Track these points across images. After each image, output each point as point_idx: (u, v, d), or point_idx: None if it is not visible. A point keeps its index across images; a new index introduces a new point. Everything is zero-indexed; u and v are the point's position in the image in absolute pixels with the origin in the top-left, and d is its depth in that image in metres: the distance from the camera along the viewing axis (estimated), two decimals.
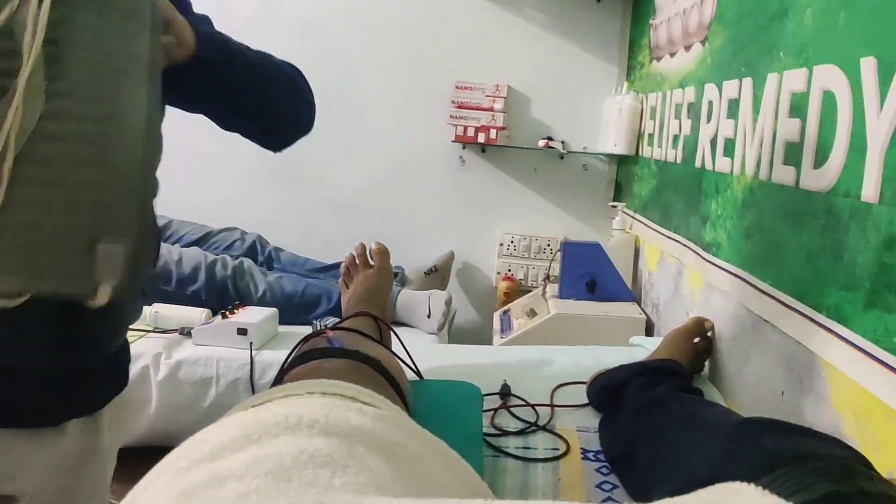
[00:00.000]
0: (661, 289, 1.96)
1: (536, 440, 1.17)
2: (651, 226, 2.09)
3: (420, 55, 2.69)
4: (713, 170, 1.55)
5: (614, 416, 1.11)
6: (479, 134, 2.59)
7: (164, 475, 0.47)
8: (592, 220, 2.74)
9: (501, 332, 2.16)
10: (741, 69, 1.41)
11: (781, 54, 1.21)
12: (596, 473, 1.06)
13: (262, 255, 2.28)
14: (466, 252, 2.78)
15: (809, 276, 1.06)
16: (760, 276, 1.24)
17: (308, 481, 0.44)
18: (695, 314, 1.55)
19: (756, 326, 1.25)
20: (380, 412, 0.56)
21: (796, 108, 1.13)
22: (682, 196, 1.80)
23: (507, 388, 1.36)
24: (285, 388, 0.57)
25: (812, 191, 1.06)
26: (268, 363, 1.65)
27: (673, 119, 1.94)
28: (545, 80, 2.68)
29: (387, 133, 2.72)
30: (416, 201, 2.78)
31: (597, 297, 2.12)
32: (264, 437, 0.48)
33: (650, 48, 2.31)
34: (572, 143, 2.69)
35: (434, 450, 0.57)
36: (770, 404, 1.17)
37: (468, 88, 2.64)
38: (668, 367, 1.25)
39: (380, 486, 0.46)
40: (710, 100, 1.60)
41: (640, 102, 2.38)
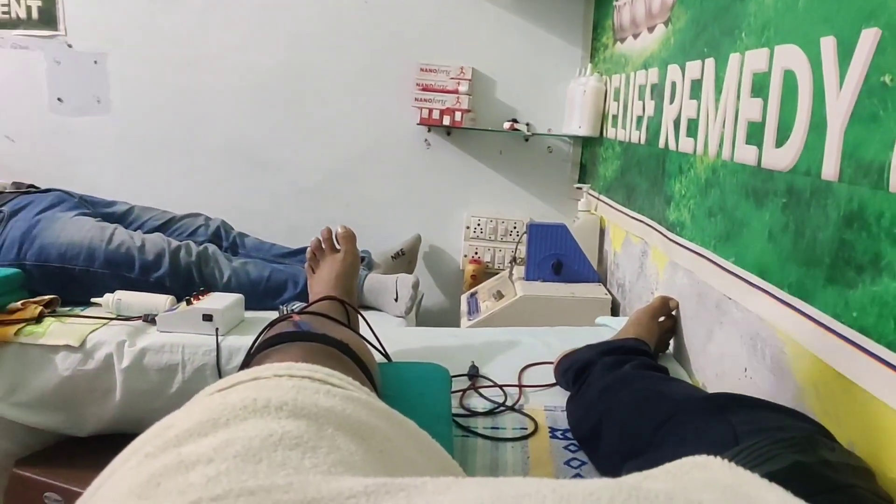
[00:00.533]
0: (627, 269, 1.98)
1: (505, 420, 1.18)
2: (616, 207, 2.10)
3: (384, 37, 2.66)
4: (676, 150, 1.56)
5: (581, 394, 1.13)
6: (444, 116, 2.58)
7: (130, 461, 0.47)
8: (558, 202, 2.76)
9: (469, 314, 2.16)
10: (703, 50, 1.42)
11: (743, 35, 1.22)
12: (564, 451, 1.07)
13: (227, 240, 2.25)
14: (433, 235, 2.78)
15: (771, 253, 1.07)
16: (724, 255, 1.26)
17: (278, 463, 0.43)
18: (659, 293, 1.57)
19: (720, 304, 1.27)
20: (349, 394, 0.55)
21: (758, 88, 1.14)
22: (646, 177, 1.82)
23: (476, 369, 1.36)
24: (253, 372, 0.56)
25: (774, 170, 1.07)
26: (234, 349, 1.63)
27: (637, 100, 1.95)
28: (510, 62, 2.68)
29: (351, 116, 2.70)
30: (381, 185, 2.76)
31: (563, 278, 2.13)
32: (232, 421, 0.48)
33: (614, 30, 2.32)
34: (537, 125, 2.69)
35: (404, 430, 0.57)
36: (734, 380, 1.19)
37: (433, 71, 2.63)
38: (633, 346, 1.27)
39: (350, 467, 0.46)
40: (673, 80, 1.61)
41: (604, 84, 2.39)
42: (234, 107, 2.68)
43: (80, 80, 2.66)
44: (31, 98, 2.66)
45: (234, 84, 2.66)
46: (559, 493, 0.37)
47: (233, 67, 2.65)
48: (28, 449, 1.69)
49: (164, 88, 2.67)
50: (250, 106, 2.67)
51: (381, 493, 0.39)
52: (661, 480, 0.47)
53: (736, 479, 0.47)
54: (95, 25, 2.63)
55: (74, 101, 2.68)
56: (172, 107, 2.69)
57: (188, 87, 2.67)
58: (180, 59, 2.65)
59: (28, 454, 1.68)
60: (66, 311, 1.78)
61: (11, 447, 1.68)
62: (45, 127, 2.68)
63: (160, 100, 2.68)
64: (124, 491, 0.42)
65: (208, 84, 2.66)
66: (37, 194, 2.05)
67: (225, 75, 2.66)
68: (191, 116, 2.69)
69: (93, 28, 2.63)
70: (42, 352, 1.62)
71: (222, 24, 2.64)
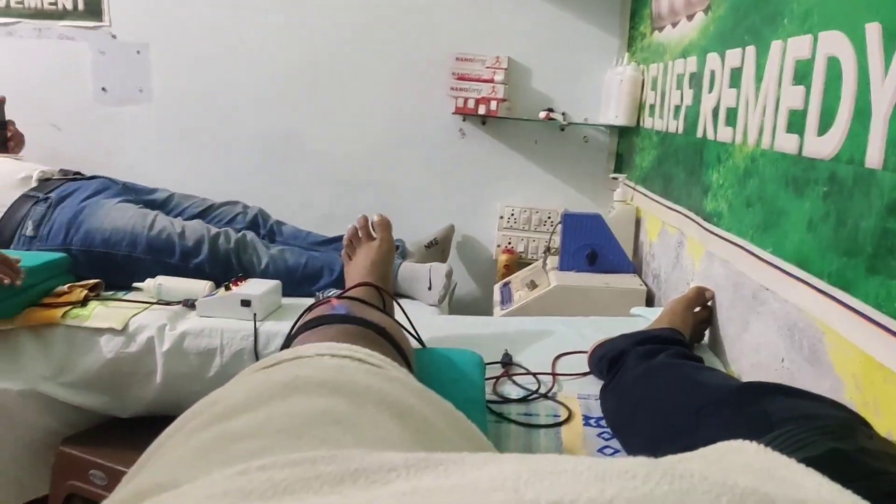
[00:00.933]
0: (662, 259, 1.96)
1: (538, 407, 1.18)
2: (652, 197, 2.09)
3: (419, 27, 2.67)
4: (715, 139, 1.55)
5: (615, 382, 1.13)
6: (479, 106, 2.58)
7: (178, 434, 0.48)
8: (593, 192, 2.74)
9: (502, 304, 2.17)
10: (744, 37, 1.40)
11: (786, 21, 1.20)
12: (598, 439, 1.07)
13: (265, 228, 2.28)
14: (466, 225, 2.79)
15: (811, 243, 1.06)
16: (761, 245, 1.24)
17: (320, 438, 0.45)
18: (695, 284, 1.56)
19: (756, 294, 1.26)
20: (388, 373, 0.56)
21: (800, 76, 1.13)
22: (683, 166, 1.80)
23: (509, 357, 1.37)
24: (295, 351, 0.58)
25: (815, 158, 1.06)
26: (272, 334, 1.66)
27: (674, 89, 1.93)
28: (546, 51, 2.67)
29: (386, 106, 2.71)
30: (415, 174, 2.77)
31: (597, 268, 2.13)
32: (275, 397, 0.49)
33: (651, 18, 2.29)
34: (573, 114, 2.68)
35: (441, 410, 0.58)
36: (770, 371, 1.18)
37: (468, 60, 2.63)
38: (668, 336, 1.26)
39: (389, 443, 0.47)
40: (713, 69, 1.59)
41: (642, 73, 2.37)
42: (270, 96, 2.71)
43: (123, 71, 2.71)
44: (77, 87, 2.72)
45: (271, 74, 2.69)
46: (595, 469, 0.38)
47: (270, 57, 2.68)
48: (74, 428, 1.74)
49: (203, 78, 2.71)
50: (287, 95, 2.70)
51: (420, 466, 0.40)
52: (696, 462, 0.47)
53: (772, 464, 0.47)
54: (138, 16, 2.68)
55: (118, 90, 2.74)
56: (210, 96, 2.73)
57: (226, 77, 2.70)
58: (218, 50, 2.69)
59: (74, 433, 1.73)
60: (109, 295, 1.82)
61: (59, 426, 1.73)
62: (89, 116, 2.74)
63: (199, 89, 2.72)
64: (173, 462, 0.44)
65: (245, 74, 2.70)
66: (83, 181, 2.10)
67: (262, 65, 2.69)
68: (228, 106, 2.73)
69: (135, 19, 2.68)
70: (87, 334, 1.67)
71: (259, 15, 2.67)
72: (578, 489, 0.35)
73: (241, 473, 0.39)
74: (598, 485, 0.35)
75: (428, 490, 0.37)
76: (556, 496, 0.34)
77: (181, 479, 0.39)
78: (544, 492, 0.35)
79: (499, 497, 0.35)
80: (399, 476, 0.39)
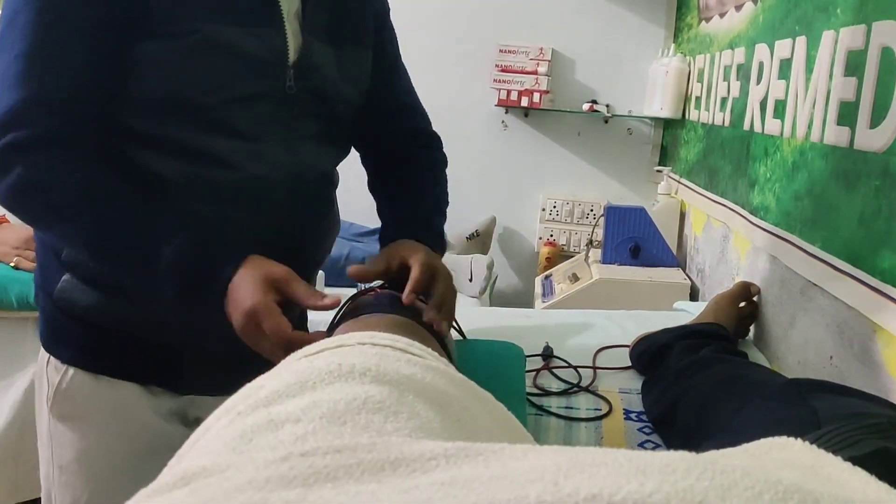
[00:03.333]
0: (707, 254, 1.93)
1: (579, 401, 1.18)
2: (697, 190, 2.06)
3: (463, 18, 2.66)
4: (762, 132, 1.52)
5: (657, 377, 1.11)
6: (522, 98, 2.57)
7: (223, 419, 0.50)
8: (637, 185, 2.71)
9: (543, 296, 2.16)
10: (794, 28, 1.37)
11: (838, 11, 1.17)
12: (638, 433, 1.06)
13: None
14: (508, 217, 2.78)
15: (862, 238, 1.03)
16: (810, 240, 1.22)
17: (361, 425, 0.45)
18: (741, 279, 1.53)
19: (804, 290, 1.23)
20: (428, 363, 0.57)
21: (853, 67, 1.10)
22: (729, 159, 1.77)
23: (550, 349, 1.36)
24: (338, 339, 0.58)
25: (867, 151, 1.03)
26: (314, 323, 1.67)
27: (721, 81, 1.90)
28: (590, 42, 2.64)
29: (428, 97, 2.69)
30: (457, 166, 2.75)
31: (640, 262, 2.11)
32: (319, 384, 0.50)
33: (699, 9, 2.25)
34: (617, 106, 2.65)
35: (480, 401, 0.58)
36: (817, 368, 1.16)
37: (512, 52, 2.62)
38: (712, 331, 1.25)
39: (429, 432, 0.48)
40: (761, 60, 1.56)
41: (688, 65, 2.33)
42: None
43: None
44: None
45: None
46: (635, 463, 0.37)
47: None
48: None
49: None
50: None
51: (460, 456, 0.40)
52: (739, 458, 0.47)
53: (817, 461, 0.46)
54: None
55: None
56: None
57: None
58: None
59: None
60: None
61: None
62: None
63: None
64: (220, 445, 0.45)
65: None
66: None
67: None
68: None
69: None
70: None
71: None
72: (618, 482, 0.35)
73: (283, 459, 0.40)
74: (639, 478, 0.35)
75: (467, 480, 0.37)
76: (596, 489, 0.34)
77: (226, 463, 0.40)
78: (584, 484, 0.35)
79: (537, 489, 0.35)
80: (438, 465, 0.40)
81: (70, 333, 0.91)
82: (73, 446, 0.91)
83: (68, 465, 0.91)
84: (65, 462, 0.92)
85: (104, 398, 0.90)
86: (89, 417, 0.91)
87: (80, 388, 0.90)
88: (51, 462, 0.93)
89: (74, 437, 0.91)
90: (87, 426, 0.91)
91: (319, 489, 0.37)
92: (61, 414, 0.91)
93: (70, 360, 0.90)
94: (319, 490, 0.37)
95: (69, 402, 0.91)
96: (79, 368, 0.90)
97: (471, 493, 0.36)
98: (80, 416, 0.91)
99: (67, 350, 0.91)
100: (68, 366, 0.90)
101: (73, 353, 0.90)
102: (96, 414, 0.91)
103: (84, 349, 0.90)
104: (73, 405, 0.91)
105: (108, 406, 0.90)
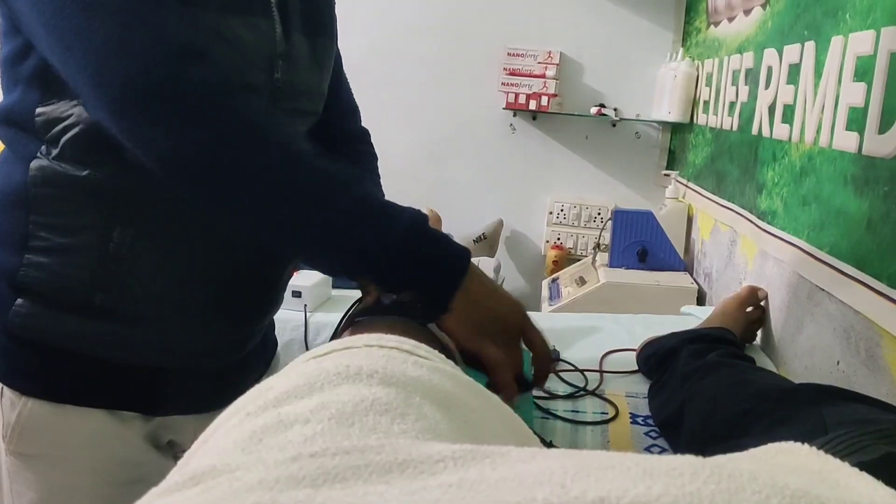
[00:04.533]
0: (714, 258, 1.93)
1: (585, 404, 1.18)
2: (705, 194, 2.06)
3: (471, 21, 2.67)
4: (770, 137, 1.52)
5: (664, 381, 1.12)
6: (530, 101, 2.57)
7: (233, 419, 0.50)
8: (644, 189, 2.71)
9: (550, 299, 2.16)
10: (804, 33, 1.37)
11: (847, 16, 1.17)
12: (645, 437, 1.06)
13: None
14: (515, 220, 2.78)
15: (870, 244, 1.03)
16: (818, 245, 1.22)
17: (369, 427, 0.46)
18: (748, 283, 1.53)
19: (811, 295, 1.23)
20: (435, 365, 0.57)
21: (861, 72, 1.10)
22: (737, 164, 1.77)
23: (556, 353, 1.36)
24: (345, 342, 0.59)
25: (875, 156, 1.03)
26: (322, 325, 1.69)
27: (730, 85, 1.90)
28: (599, 46, 2.64)
29: (437, 100, 2.72)
30: (465, 168, 2.78)
31: (648, 266, 2.10)
32: (327, 386, 0.50)
33: (707, 13, 2.25)
34: (625, 110, 2.65)
35: (488, 403, 0.59)
36: (824, 373, 1.15)
37: (520, 55, 2.62)
38: (719, 335, 1.25)
39: (436, 434, 0.48)
40: (770, 65, 1.56)
41: (696, 69, 2.33)
42: None
43: None
44: None
45: None
46: (642, 466, 0.38)
47: None
48: None
49: None
50: None
51: (467, 458, 0.41)
52: (746, 463, 0.47)
53: (824, 466, 0.46)
54: None
55: None
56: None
57: None
58: None
59: None
60: None
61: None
62: None
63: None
64: (229, 445, 0.45)
65: None
66: None
67: None
68: None
69: None
70: None
71: None
72: (625, 485, 0.35)
73: (293, 460, 0.40)
74: (646, 481, 0.35)
75: (474, 482, 0.38)
76: (603, 492, 0.34)
77: (236, 463, 0.41)
78: (591, 487, 0.35)
79: (545, 491, 0.35)
80: (446, 467, 0.40)
81: (30, 363, 0.82)
82: (33, 486, 0.83)
83: None
84: (25, 502, 0.83)
85: (70, 430, 0.82)
86: (53, 454, 0.83)
87: (42, 422, 0.81)
88: (11, 502, 0.84)
89: (35, 478, 0.83)
90: (50, 464, 0.83)
91: (328, 489, 0.38)
92: (20, 452, 0.82)
93: (31, 391, 0.81)
94: (328, 490, 0.38)
95: (29, 439, 0.81)
96: (39, 399, 0.81)
97: (478, 494, 0.36)
98: (42, 453, 0.83)
99: (27, 381, 0.81)
100: (28, 398, 0.80)
101: (34, 384, 0.81)
102: (61, 449, 0.83)
103: (47, 378, 0.81)
104: (35, 441, 0.82)
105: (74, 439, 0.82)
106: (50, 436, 0.82)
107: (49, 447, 0.82)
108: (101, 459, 0.83)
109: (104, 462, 0.83)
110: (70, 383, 0.81)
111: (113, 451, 0.84)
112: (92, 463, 0.83)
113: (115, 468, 0.84)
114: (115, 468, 0.84)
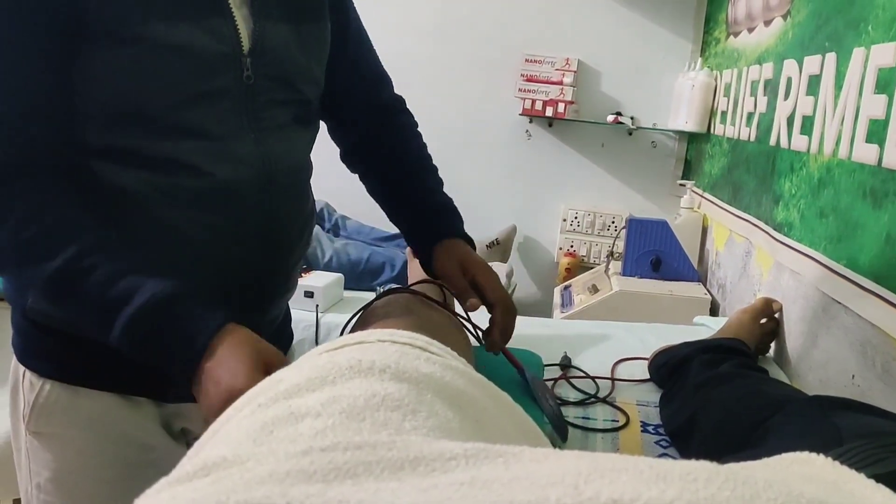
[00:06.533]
0: (729, 269, 1.92)
1: (596, 411, 1.17)
2: (720, 205, 2.04)
3: (490, 27, 2.67)
4: (788, 148, 1.51)
5: (676, 390, 1.11)
6: (546, 108, 2.57)
7: (244, 410, 0.50)
8: (659, 198, 2.70)
9: (562, 306, 2.15)
10: (825, 44, 1.36)
11: (870, 28, 1.16)
12: (655, 446, 1.05)
13: (330, 222, 2.32)
14: (529, 226, 2.78)
15: (889, 257, 1.02)
16: (835, 257, 1.21)
17: (380, 422, 0.46)
18: (762, 295, 1.52)
19: (827, 308, 1.22)
20: (447, 362, 0.57)
21: (883, 84, 1.09)
22: (754, 175, 1.76)
23: (568, 359, 1.36)
24: (358, 336, 0.59)
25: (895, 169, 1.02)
26: (333, 325, 1.69)
27: (748, 96, 1.89)
28: (617, 54, 2.64)
29: (453, 104, 2.72)
30: (480, 174, 2.77)
31: (661, 275, 2.09)
32: (339, 379, 0.50)
33: (727, 23, 2.24)
34: (642, 119, 2.64)
35: (499, 402, 0.58)
36: (839, 387, 1.14)
37: (538, 62, 2.62)
38: (732, 346, 1.23)
39: (447, 432, 0.48)
40: (790, 76, 1.55)
41: (714, 79, 2.32)
42: None
43: None
44: None
45: None
46: (656, 469, 0.37)
47: None
48: None
49: None
50: None
51: (480, 457, 0.40)
52: (760, 471, 0.46)
53: (840, 477, 0.46)
54: None
55: None
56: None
57: None
58: None
59: None
60: None
61: None
62: None
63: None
64: (241, 436, 0.45)
65: None
66: None
67: None
68: None
69: None
70: None
71: None
72: (639, 488, 0.35)
73: (304, 453, 0.40)
74: (659, 485, 0.35)
75: (487, 481, 0.37)
76: (616, 494, 0.34)
77: (247, 454, 0.41)
78: (604, 489, 0.35)
79: (558, 492, 0.35)
80: (458, 465, 0.40)
81: (46, 346, 0.85)
82: (49, 465, 0.86)
83: (45, 485, 0.86)
84: (42, 481, 0.87)
85: (84, 412, 0.85)
86: (68, 434, 0.85)
87: (58, 403, 0.84)
88: (29, 480, 0.88)
89: (51, 457, 0.86)
90: (64, 444, 0.86)
91: (339, 485, 0.38)
92: (38, 431, 0.86)
93: (47, 373, 0.84)
94: (339, 486, 0.37)
95: (46, 419, 0.85)
96: (57, 381, 0.84)
97: (490, 493, 0.36)
98: (58, 433, 0.86)
99: (44, 363, 0.85)
100: (45, 379, 0.84)
101: (50, 365, 0.85)
102: (75, 430, 0.85)
103: (62, 361, 0.84)
104: (51, 421, 0.85)
105: (87, 421, 0.85)
106: (65, 417, 0.84)
107: (64, 427, 0.85)
108: (114, 440, 0.86)
109: (117, 445, 0.86)
110: (83, 367, 0.84)
111: (125, 434, 0.86)
112: (104, 444, 0.86)
113: (127, 450, 0.86)
114: (127, 450, 0.86)
